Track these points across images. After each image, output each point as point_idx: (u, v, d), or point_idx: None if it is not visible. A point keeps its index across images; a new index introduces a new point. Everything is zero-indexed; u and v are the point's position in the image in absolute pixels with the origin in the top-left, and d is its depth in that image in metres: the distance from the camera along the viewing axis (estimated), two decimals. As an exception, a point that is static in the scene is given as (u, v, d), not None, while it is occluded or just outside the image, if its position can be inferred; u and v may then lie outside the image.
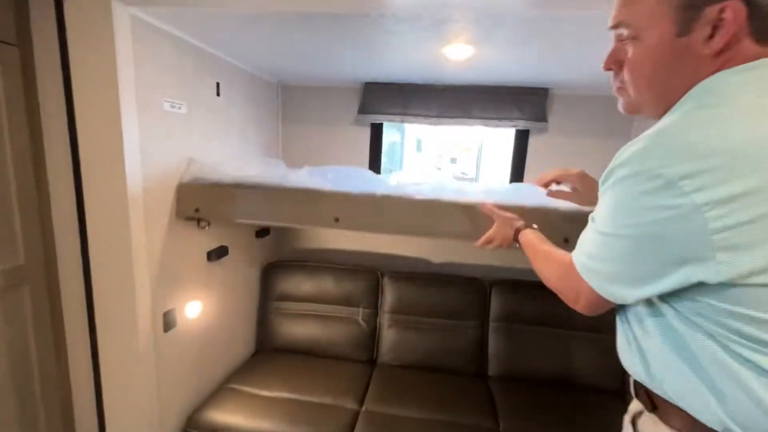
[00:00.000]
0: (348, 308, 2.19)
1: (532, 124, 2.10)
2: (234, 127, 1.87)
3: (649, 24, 0.59)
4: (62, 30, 1.19)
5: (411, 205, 1.35)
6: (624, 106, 0.70)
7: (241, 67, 1.90)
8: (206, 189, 1.47)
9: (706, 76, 0.57)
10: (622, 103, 0.70)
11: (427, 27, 1.24)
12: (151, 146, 1.34)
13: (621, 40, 0.65)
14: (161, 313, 1.46)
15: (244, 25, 1.35)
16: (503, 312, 2.08)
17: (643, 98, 0.65)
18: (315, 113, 2.34)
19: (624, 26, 0.63)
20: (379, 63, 1.76)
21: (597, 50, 1.36)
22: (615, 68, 0.68)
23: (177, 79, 1.46)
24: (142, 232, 1.33)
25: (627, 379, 1.91)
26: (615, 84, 0.70)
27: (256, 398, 1.75)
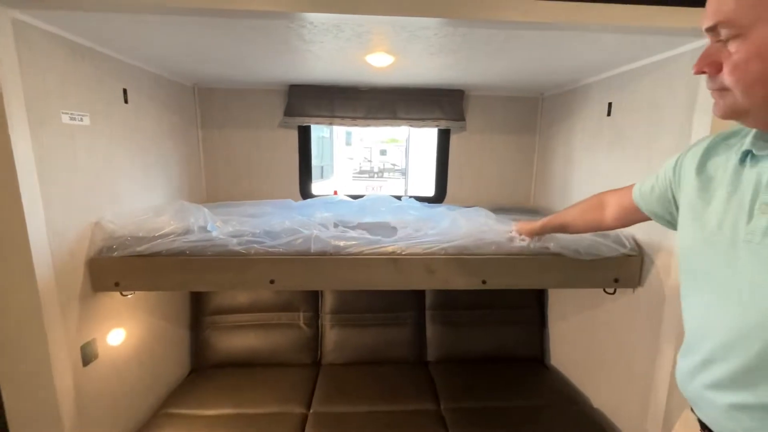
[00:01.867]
0: (288, 314, 2.17)
1: (452, 123, 2.26)
2: (147, 136, 1.73)
3: (757, 18, 0.54)
4: None
5: (344, 261, 1.40)
6: (723, 110, 0.62)
7: (151, 71, 1.76)
8: (123, 262, 1.36)
9: None
10: (722, 106, 0.62)
11: (348, 38, 1.28)
12: (48, 161, 1.20)
13: (719, 40, 0.59)
14: (78, 347, 1.33)
15: (147, 28, 1.26)
16: (437, 300, 2.23)
17: (755, 101, 0.58)
18: (237, 117, 2.25)
19: (724, 26, 0.57)
20: (303, 67, 1.75)
21: (502, 58, 1.53)
22: (710, 71, 0.61)
23: (76, 87, 1.32)
24: (49, 271, 1.20)
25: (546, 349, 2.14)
26: (711, 87, 0.63)
27: (197, 419, 1.68)
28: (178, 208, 1.57)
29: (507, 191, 2.42)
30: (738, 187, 0.65)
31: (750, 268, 0.60)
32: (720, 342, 0.64)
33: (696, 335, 0.71)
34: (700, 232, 0.69)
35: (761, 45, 0.54)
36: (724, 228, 0.64)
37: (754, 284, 0.59)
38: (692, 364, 0.71)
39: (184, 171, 2.06)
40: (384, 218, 1.77)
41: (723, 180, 0.68)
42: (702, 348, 0.68)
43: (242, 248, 1.40)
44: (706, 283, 0.68)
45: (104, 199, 1.45)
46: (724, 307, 0.63)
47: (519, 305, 2.22)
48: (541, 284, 1.59)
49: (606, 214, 1.13)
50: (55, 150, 1.23)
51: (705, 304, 0.68)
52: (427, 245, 1.44)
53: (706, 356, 0.67)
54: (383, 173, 15.66)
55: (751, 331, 0.59)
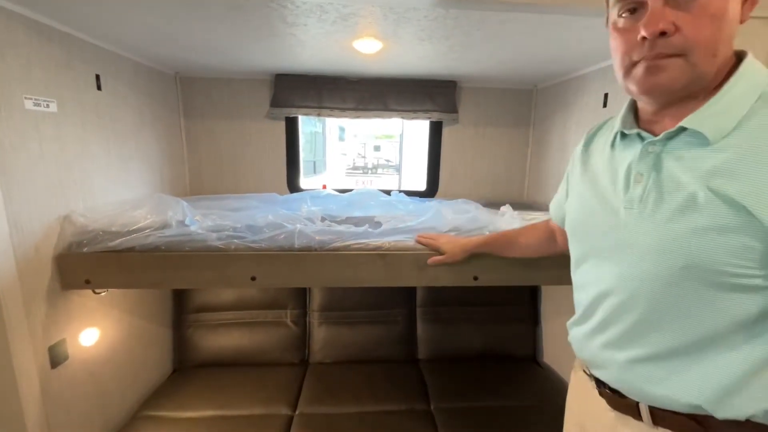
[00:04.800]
0: (275, 311, 2.10)
1: (444, 115, 2.19)
2: (124, 126, 1.64)
3: None
4: None
5: (330, 257, 1.33)
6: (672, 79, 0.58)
7: (128, 57, 1.67)
8: (93, 258, 1.27)
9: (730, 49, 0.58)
10: (670, 75, 0.57)
11: (333, 21, 1.21)
12: (9, 150, 1.11)
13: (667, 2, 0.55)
14: (45, 348, 1.25)
15: (121, 10, 1.17)
16: (428, 297, 2.18)
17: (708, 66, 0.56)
18: (222, 107, 2.16)
19: None
20: (288, 54, 1.67)
21: (496, 45, 1.47)
22: (670, 30, 0.55)
23: (42, 71, 1.23)
24: (11, 265, 1.11)
25: (539, 346, 2.07)
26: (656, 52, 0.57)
27: (177, 422, 1.62)
28: (155, 201, 1.49)
29: (500, 186, 2.37)
30: (615, 163, 0.72)
31: (631, 232, 0.65)
32: (613, 303, 0.69)
33: (591, 302, 0.75)
34: (588, 209, 0.76)
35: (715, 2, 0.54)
36: (607, 201, 0.71)
37: (634, 246, 0.64)
38: (588, 328, 0.77)
39: (166, 163, 1.97)
40: (372, 213, 1.71)
41: (602, 159, 0.76)
42: (597, 312, 0.73)
43: (222, 243, 1.33)
44: (596, 256, 0.74)
45: (75, 192, 1.37)
46: (613, 272, 0.68)
47: (511, 302, 2.18)
48: (535, 281, 1.54)
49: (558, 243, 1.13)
50: (18, 138, 1.14)
51: (596, 274, 0.73)
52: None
53: (602, 318, 0.72)
54: (377, 169, 15.58)
55: (637, 289, 0.64)
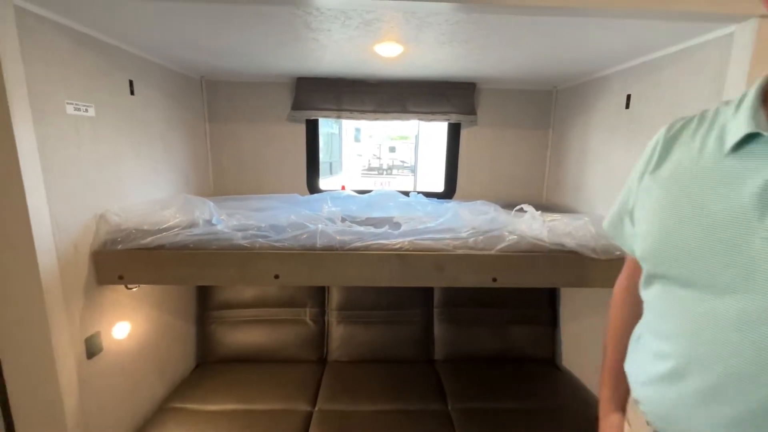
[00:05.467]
0: (294, 309, 2.15)
1: (463, 117, 2.20)
2: (154, 128, 1.72)
3: None
4: None
5: (350, 257, 1.37)
6: None
7: (158, 63, 1.74)
8: (126, 255, 1.34)
9: None
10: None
11: (356, 26, 1.24)
12: (52, 151, 1.18)
13: None
14: (82, 340, 1.32)
15: (151, 16, 1.23)
16: (445, 298, 2.18)
17: None
18: (245, 110, 2.22)
19: None
20: (310, 58, 1.71)
21: (516, 48, 1.47)
22: None
23: (81, 77, 1.30)
24: (53, 261, 1.18)
25: (558, 350, 2.06)
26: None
27: (201, 414, 1.67)
28: (183, 201, 1.55)
29: (519, 187, 2.36)
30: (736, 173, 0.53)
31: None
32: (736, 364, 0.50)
33: (693, 355, 0.55)
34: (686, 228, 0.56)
35: None
36: (723, 223, 0.52)
37: None
38: (691, 391, 0.55)
39: (191, 164, 2.05)
40: (391, 214, 1.74)
41: (704, 165, 0.57)
42: (707, 371, 0.53)
43: (247, 242, 1.38)
44: (700, 289, 0.54)
45: (109, 192, 1.44)
46: (735, 317, 0.50)
47: (530, 304, 2.16)
48: (555, 282, 1.54)
49: None
50: (60, 141, 1.21)
51: (706, 319, 0.53)
52: (435, 241, 1.40)
53: (716, 383, 0.52)
54: (392, 170, 15.61)
55: None
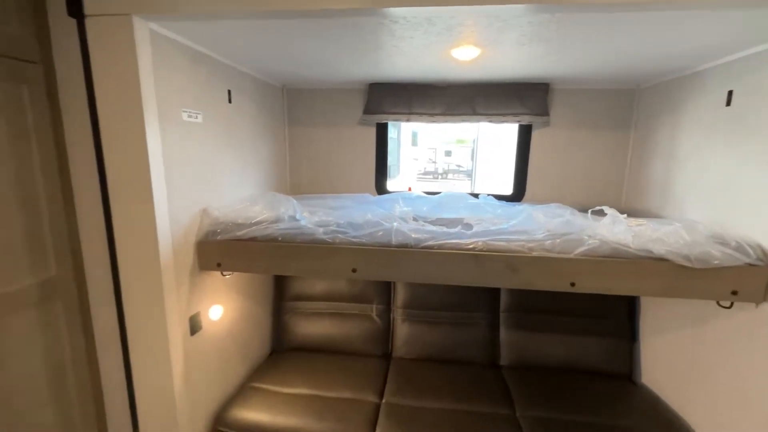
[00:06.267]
0: (361, 305, 2.24)
1: (535, 118, 2.15)
2: (246, 131, 1.90)
3: None
4: (84, 45, 1.22)
5: (425, 255, 1.41)
6: None
7: (249, 74, 1.93)
8: (224, 245, 1.51)
9: None
10: None
11: (439, 32, 1.28)
12: (171, 153, 1.37)
13: None
14: (187, 318, 1.51)
15: (254, 33, 1.38)
16: (513, 302, 2.14)
17: None
18: (320, 115, 2.37)
19: None
20: (385, 64, 1.79)
21: (598, 46, 1.43)
22: None
23: (193, 89, 1.49)
24: (169, 248, 1.37)
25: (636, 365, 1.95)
26: None
27: (279, 396, 1.81)
28: (270, 198, 1.71)
29: (594, 191, 2.25)
30: None
31: None
32: None
33: None
34: None
35: None
36: None
37: None
38: None
39: (273, 165, 2.23)
40: (461, 215, 1.75)
41: None
42: None
43: (328, 237, 1.48)
44: None
45: (210, 189, 1.63)
46: None
47: (605, 314, 2.05)
48: (640, 291, 1.45)
49: None
50: (176, 144, 1.41)
51: None
52: (509, 242, 1.39)
53: None
54: (447, 174, 15.45)
55: None
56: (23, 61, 1.21)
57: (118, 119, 1.25)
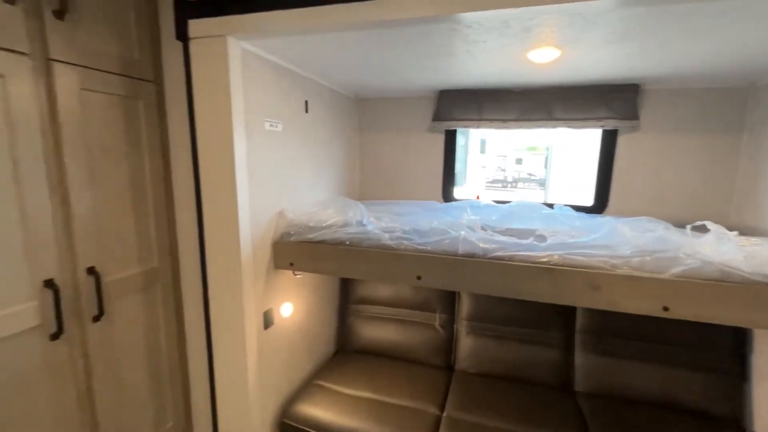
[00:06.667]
0: (425, 313, 2.22)
1: (622, 123, 1.96)
2: (319, 140, 2.01)
3: None
4: (188, 64, 1.39)
5: (493, 266, 1.36)
6: None
7: (325, 85, 2.03)
8: (297, 246, 1.61)
9: None
10: None
11: (514, 34, 1.24)
12: (254, 160, 1.49)
13: None
14: (262, 312, 1.62)
15: (331, 46, 1.46)
16: (592, 324, 1.96)
17: None
18: (390, 123, 2.42)
19: None
20: (456, 71, 1.77)
21: (705, 39, 1.26)
22: None
23: (275, 100, 1.61)
24: (249, 246, 1.49)
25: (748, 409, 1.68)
26: None
27: (341, 396, 1.85)
28: (340, 203, 1.77)
29: (692, 204, 1.98)
30: None
31: None
32: None
33: None
34: None
35: None
36: None
37: None
38: None
39: (343, 171, 2.31)
40: (534, 226, 1.66)
41: None
42: None
43: (393, 243, 1.49)
44: None
45: (286, 193, 1.74)
46: None
47: (707, 347, 1.78)
48: (753, 323, 1.23)
49: None
50: (259, 151, 1.53)
51: None
52: (588, 258, 1.28)
53: None
54: (517, 183, 14.75)
55: None
56: (140, 80, 1.42)
57: (211, 129, 1.40)
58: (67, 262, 1.23)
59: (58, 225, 1.20)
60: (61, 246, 1.21)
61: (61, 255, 1.21)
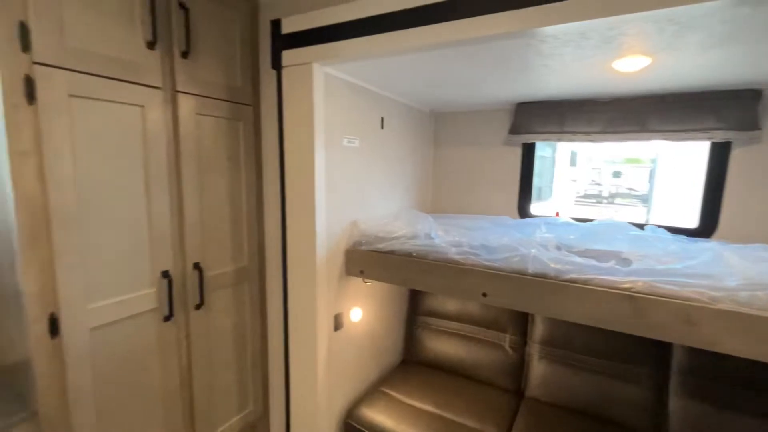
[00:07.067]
0: (494, 332, 2.14)
1: (737, 134, 1.70)
2: (393, 154, 2.10)
3: None
4: (280, 89, 1.58)
5: (566, 288, 1.27)
6: None
7: (400, 101, 2.12)
8: (367, 255, 1.69)
9: None
10: None
11: (594, 46, 1.18)
12: (332, 174, 1.62)
13: None
14: (332, 315, 1.73)
15: (406, 66, 1.53)
16: (691, 363, 1.70)
17: None
18: (464, 136, 2.42)
19: None
20: (535, 83, 1.72)
21: None
22: None
23: (352, 118, 1.74)
24: (324, 252, 1.62)
25: None
26: None
27: (404, 406, 1.88)
28: (409, 215, 1.83)
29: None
30: None
31: None
32: None
33: None
34: None
35: None
36: None
37: None
38: None
39: (416, 184, 2.37)
40: (619, 247, 1.51)
41: None
42: None
43: (460, 257, 1.49)
44: None
45: (359, 204, 1.85)
46: None
47: None
48: None
49: None
50: (337, 166, 1.66)
51: None
52: (681, 287, 1.14)
53: None
54: (614, 198, 13.30)
55: None
56: (241, 104, 1.65)
57: (296, 146, 1.56)
58: (178, 258, 1.47)
59: (174, 226, 1.44)
60: (175, 244, 1.45)
61: (175, 251, 1.45)
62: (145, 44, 1.28)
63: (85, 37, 1.14)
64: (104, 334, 1.27)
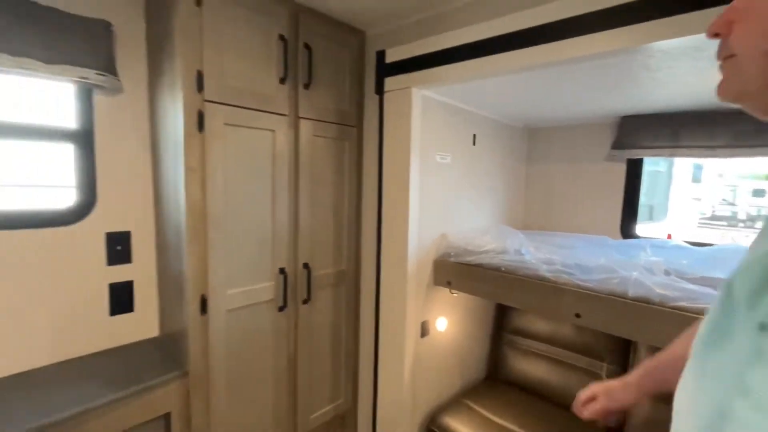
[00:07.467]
0: (589, 359, 2.01)
1: None
2: (484, 171, 2.14)
3: None
4: (381, 112, 1.76)
5: (671, 317, 1.18)
6: (723, 89, 0.50)
7: (493, 118, 2.17)
8: (455, 266, 1.76)
9: None
10: (721, 84, 0.51)
11: (712, 56, 1.10)
12: (425, 188, 1.74)
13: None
14: (419, 322, 1.83)
15: (501, 86, 1.59)
16: None
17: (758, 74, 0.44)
18: (560, 151, 2.35)
19: None
20: (643, 96, 1.63)
21: None
22: (723, 31, 0.48)
23: (446, 136, 1.85)
24: (414, 261, 1.73)
25: None
26: (720, 56, 0.51)
27: (488, 421, 1.87)
28: (499, 230, 1.85)
29: None
30: None
31: None
32: None
33: None
34: None
35: None
36: None
37: None
38: None
39: (508, 199, 2.37)
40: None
41: None
42: None
43: (552, 275, 1.48)
44: None
45: (449, 218, 1.93)
46: None
47: None
48: None
49: None
50: (429, 181, 1.77)
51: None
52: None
53: None
54: (754, 221, 11.08)
55: None
56: (348, 126, 1.87)
57: (393, 162, 1.72)
58: (292, 257, 1.72)
59: (291, 230, 1.70)
60: (290, 245, 1.70)
61: (290, 252, 1.71)
62: (278, 80, 1.56)
63: (238, 78, 1.45)
64: (236, 315, 1.55)
